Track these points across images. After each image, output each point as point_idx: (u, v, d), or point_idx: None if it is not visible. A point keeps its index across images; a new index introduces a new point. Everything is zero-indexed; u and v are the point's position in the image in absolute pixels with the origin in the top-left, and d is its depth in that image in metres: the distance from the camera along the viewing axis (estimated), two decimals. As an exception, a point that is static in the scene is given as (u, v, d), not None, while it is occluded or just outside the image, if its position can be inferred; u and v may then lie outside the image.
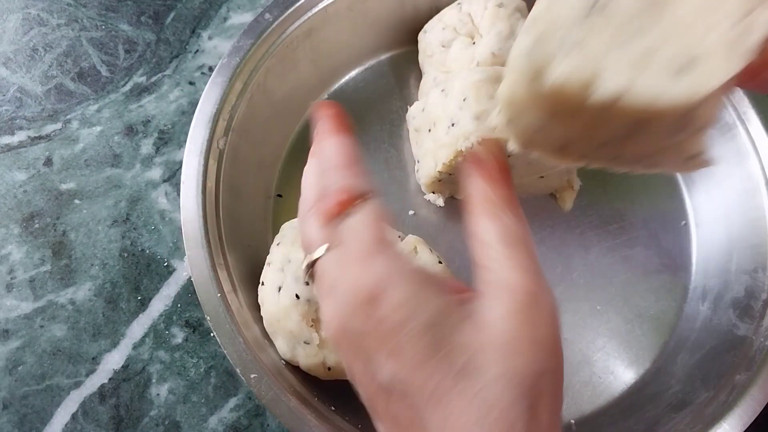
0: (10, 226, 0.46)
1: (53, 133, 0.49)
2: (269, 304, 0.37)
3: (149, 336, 0.43)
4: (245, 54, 0.43)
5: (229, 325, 0.36)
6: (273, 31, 0.44)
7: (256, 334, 0.37)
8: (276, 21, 0.44)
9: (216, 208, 0.40)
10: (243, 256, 0.41)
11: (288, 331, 0.36)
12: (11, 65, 0.52)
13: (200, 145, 0.40)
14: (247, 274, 0.40)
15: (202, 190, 0.39)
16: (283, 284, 0.37)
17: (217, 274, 0.37)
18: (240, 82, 0.43)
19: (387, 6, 0.48)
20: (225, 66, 0.43)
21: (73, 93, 0.51)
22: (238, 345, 0.36)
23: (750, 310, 0.39)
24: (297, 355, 0.36)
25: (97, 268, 0.45)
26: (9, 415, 0.41)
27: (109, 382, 0.42)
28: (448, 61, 0.43)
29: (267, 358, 0.36)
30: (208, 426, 0.41)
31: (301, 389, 0.36)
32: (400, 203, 0.45)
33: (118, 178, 0.48)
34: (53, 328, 0.43)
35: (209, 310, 0.36)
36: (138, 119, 0.50)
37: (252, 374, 0.35)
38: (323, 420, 0.34)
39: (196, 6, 0.54)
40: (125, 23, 0.54)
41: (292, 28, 0.45)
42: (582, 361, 0.42)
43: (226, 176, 0.41)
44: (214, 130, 0.41)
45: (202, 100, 0.42)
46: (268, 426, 0.41)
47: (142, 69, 0.52)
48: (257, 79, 0.43)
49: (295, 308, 0.36)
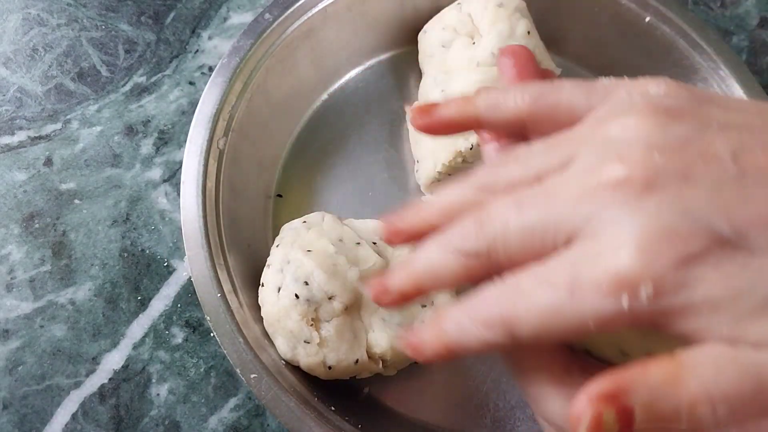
0: (10, 226, 0.46)
1: (53, 133, 0.49)
2: (269, 304, 0.37)
3: (149, 336, 0.43)
4: (245, 54, 0.43)
5: (229, 325, 0.36)
6: (273, 31, 0.44)
7: (256, 334, 0.37)
8: (276, 21, 0.44)
9: (216, 208, 0.40)
10: (243, 256, 0.41)
11: (288, 331, 0.36)
12: (11, 65, 0.52)
13: (200, 145, 0.41)
14: (247, 275, 0.40)
15: (202, 190, 0.39)
16: (283, 285, 0.37)
17: (217, 274, 0.37)
18: (240, 82, 0.43)
19: (387, 6, 0.48)
20: (225, 66, 0.43)
21: (73, 93, 0.51)
22: (238, 345, 0.36)
23: None
24: (297, 355, 0.36)
25: (97, 268, 0.45)
26: (9, 415, 0.41)
27: (109, 382, 0.42)
28: (448, 62, 0.43)
29: (267, 358, 0.36)
30: (208, 426, 0.41)
31: (301, 389, 0.36)
32: (400, 203, 0.45)
33: (118, 178, 0.48)
34: (53, 328, 0.43)
35: (209, 310, 0.36)
36: (138, 119, 0.50)
37: (252, 374, 0.35)
38: (323, 420, 0.34)
39: (196, 6, 0.54)
40: (125, 23, 0.54)
41: (292, 28, 0.45)
42: None
43: (226, 176, 0.41)
44: (214, 130, 0.41)
45: (202, 101, 0.42)
46: (268, 426, 0.41)
47: (142, 69, 0.52)
48: (257, 79, 0.43)
49: (295, 308, 0.36)
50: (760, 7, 0.54)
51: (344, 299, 0.36)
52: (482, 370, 0.41)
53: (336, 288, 0.36)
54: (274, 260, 0.38)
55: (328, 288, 0.36)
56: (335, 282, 0.36)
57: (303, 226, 0.40)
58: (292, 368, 0.37)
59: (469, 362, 0.41)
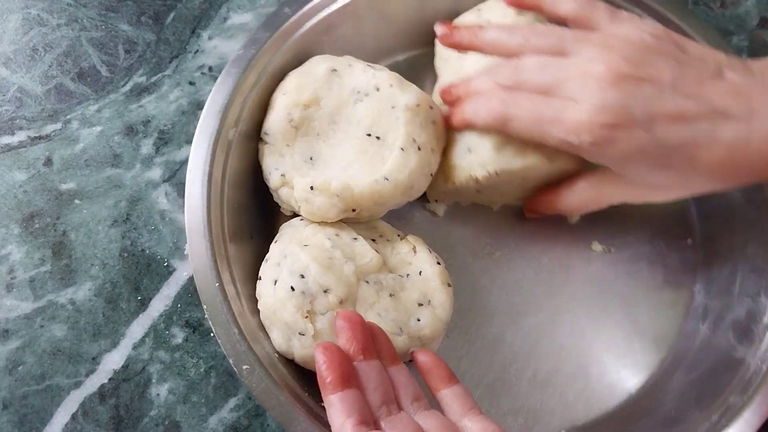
0: (10, 226, 0.46)
1: (53, 133, 0.49)
2: (265, 296, 0.38)
3: (149, 336, 0.43)
4: (261, 46, 0.43)
5: (225, 315, 0.36)
6: (291, 25, 0.44)
7: (252, 326, 0.37)
8: (294, 15, 0.44)
9: (221, 199, 0.40)
10: (245, 248, 0.41)
11: (283, 323, 0.36)
12: (11, 65, 0.52)
13: (209, 134, 0.40)
14: (247, 267, 0.40)
15: (208, 180, 0.39)
16: (279, 277, 0.37)
17: (217, 264, 0.38)
18: (254, 74, 0.42)
19: (407, 6, 0.47)
20: (240, 58, 0.42)
21: (73, 93, 0.51)
22: (233, 336, 0.36)
23: (750, 333, 0.39)
24: (292, 347, 0.37)
25: (97, 268, 0.45)
26: (9, 415, 0.41)
27: (109, 382, 0.42)
28: (464, 68, 0.43)
29: (260, 351, 0.36)
30: (208, 426, 0.41)
31: (292, 383, 0.36)
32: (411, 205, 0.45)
33: (118, 178, 0.48)
34: (53, 328, 0.43)
35: (206, 299, 0.37)
36: (138, 119, 0.50)
37: (244, 365, 0.35)
38: (313, 415, 0.35)
39: (196, 6, 0.54)
40: (125, 23, 0.54)
41: (310, 24, 0.44)
42: (577, 373, 0.41)
43: (232, 168, 0.41)
44: (224, 121, 0.41)
45: (214, 90, 0.41)
46: (268, 426, 0.41)
47: (142, 69, 0.52)
48: (272, 72, 0.43)
49: (290, 300, 0.36)
50: (760, 7, 0.54)
51: (339, 293, 0.36)
52: (476, 374, 0.41)
53: (331, 281, 0.36)
54: (272, 255, 0.39)
55: (323, 281, 0.36)
56: (330, 275, 0.36)
57: (301, 223, 0.40)
58: (286, 362, 0.37)
59: (463, 367, 0.41)
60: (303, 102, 0.41)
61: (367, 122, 0.40)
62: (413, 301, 0.38)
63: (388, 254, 0.40)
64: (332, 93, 0.41)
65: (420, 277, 0.39)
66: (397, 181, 0.39)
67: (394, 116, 0.40)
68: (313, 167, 0.40)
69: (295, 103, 0.41)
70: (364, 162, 0.40)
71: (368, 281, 0.38)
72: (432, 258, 0.40)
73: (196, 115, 0.50)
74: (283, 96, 0.42)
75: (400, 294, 0.38)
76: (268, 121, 0.41)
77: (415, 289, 0.39)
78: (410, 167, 0.39)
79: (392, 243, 0.41)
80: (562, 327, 0.42)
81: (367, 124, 0.40)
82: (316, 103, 0.41)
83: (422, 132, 0.40)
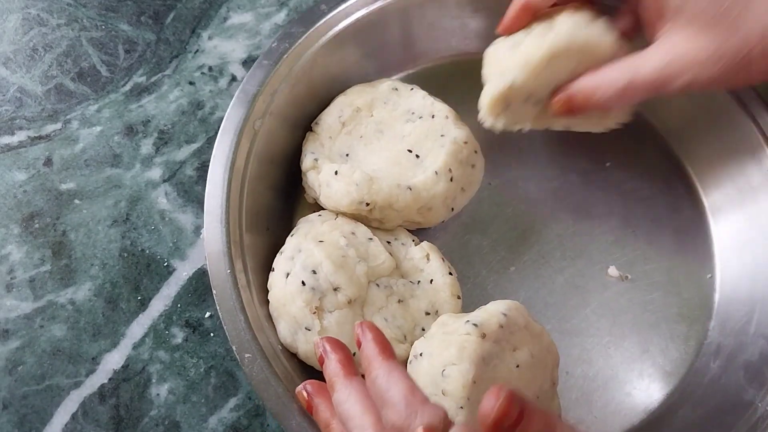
0: (10, 226, 0.46)
1: (53, 133, 0.49)
2: (276, 288, 0.38)
3: (149, 336, 0.43)
4: (295, 40, 0.43)
5: (233, 302, 0.37)
6: (326, 22, 0.44)
7: (259, 316, 0.37)
8: (330, 12, 0.44)
9: (241, 187, 0.40)
10: (260, 239, 0.41)
11: (291, 316, 0.37)
12: (11, 65, 0.52)
13: (236, 122, 0.41)
14: (260, 258, 0.40)
15: (231, 167, 0.40)
16: (291, 271, 0.37)
17: (231, 251, 0.38)
18: (285, 67, 0.43)
19: (444, 13, 0.47)
20: (273, 50, 0.43)
21: (73, 93, 0.51)
22: (238, 323, 0.36)
23: (761, 375, 0.37)
24: (297, 341, 0.37)
25: (97, 268, 0.45)
26: (9, 415, 0.41)
27: (109, 382, 0.42)
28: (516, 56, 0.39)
29: (264, 341, 0.36)
30: (208, 426, 0.41)
31: (292, 377, 0.36)
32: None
33: (118, 178, 0.48)
34: (53, 328, 0.43)
35: (216, 284, 0.37)
36: (138, 119, 0.50)
37: (247, 354, 0.35)
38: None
39: (196, 6, 0.54)
40: (125, 23, 0.54)
41: (345, 23, 0.45)
42: (580, 399, 0.40)
43: (256, 157, 0.41)
44: (252, 111, 0.41)
45: (245, 81, 0.42)
46: (268, 426, 0.41)
47: (142, 69, 0.52)
48: (303, 66, 0.43)
49: (300, 294, 0.36)
50: (760, 7, 0.54)
51: (349, 293, 0.36)
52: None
53: (342, 280, 0.36)
54: (287, 248, 0.39)
55: (335, 279, 0.36)
56: (342, 274, 0.36)
57: (318, 218, 0.40)
58: (289, 356, 0.37)
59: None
60: (357, 104, 0.43)
61: (411, 140, 0.42)
62: (421, 309, 0.38)
63: (401, 258, 0.40)
64: (387, 107, 0.44)
65: (431, 285, 0.39)
66: (419, 196, 0.39)
67: (439, 143, 0.41)
68: (345, 162, 0.42)
69: (350, 104, 0.44)
70: (394, 171, 0.41)
71: (379, 284, 0.38)
72: (444, 268, 0.40)
73: (196, 115, 0.50)
74: (342, 96, 0.44)
75: (409, 301, 0.38)
76: (322, 114, 0.44)
77: (425, 297, 0.39)
78: (436, 190, 0.40)
79: (406, 247, 0.41)
80: (570, 350, 0.41)
81: (411, 142, 0.42)
82: (368, 110, 0.44)
83: (460, 167, 0.41)
